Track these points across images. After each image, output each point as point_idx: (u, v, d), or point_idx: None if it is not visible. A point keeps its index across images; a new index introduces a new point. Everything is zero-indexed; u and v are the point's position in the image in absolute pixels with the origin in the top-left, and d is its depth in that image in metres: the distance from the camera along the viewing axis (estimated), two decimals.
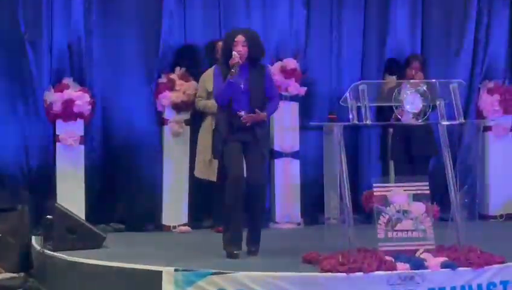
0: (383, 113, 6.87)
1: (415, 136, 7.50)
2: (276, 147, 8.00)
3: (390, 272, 5.25)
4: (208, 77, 7.46)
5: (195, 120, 7.74)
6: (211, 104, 7.36)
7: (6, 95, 7.52)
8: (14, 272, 6.40)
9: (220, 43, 7.47)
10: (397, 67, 8.06)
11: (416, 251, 5.59)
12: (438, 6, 8.63)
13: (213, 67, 7.47)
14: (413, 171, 6.81)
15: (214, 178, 7.34)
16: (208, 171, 7.42)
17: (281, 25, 8.18)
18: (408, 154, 7.61)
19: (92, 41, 7.72)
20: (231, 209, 5.95)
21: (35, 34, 7.53)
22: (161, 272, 5.30)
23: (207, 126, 7.45)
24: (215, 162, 7.27)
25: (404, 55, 8.34)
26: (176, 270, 5.28)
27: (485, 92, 8.63)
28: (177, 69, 7.78)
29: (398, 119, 5.78)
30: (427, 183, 5.80)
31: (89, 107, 7.46)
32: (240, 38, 5.98)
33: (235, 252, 5.91)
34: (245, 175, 6.04)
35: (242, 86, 5.96)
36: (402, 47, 8.51)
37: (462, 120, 5.89)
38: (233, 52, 5.92)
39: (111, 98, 7.80)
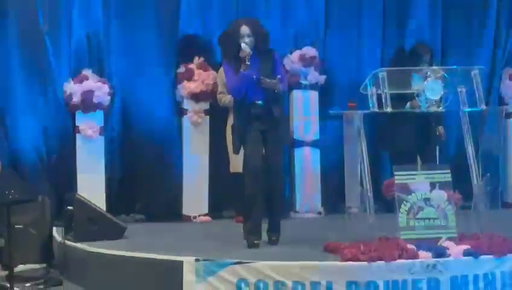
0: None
1: (413, 127, 7.44)
2: (296, 136, 7.97)
3: (412, 260, 5.21)
4: None
5: (215, 111, 7.71)
6: None
7: (26, 86, 7.54)
8: (35, 263, 6.44)
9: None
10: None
11: (438, 239, 5.54)
12: None
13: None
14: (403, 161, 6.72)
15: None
16: (239, 163, 7.36)
17: (300, 13, 8.13)
18: (409, 144, 7.55)
19: (110, 32, 7.73)
20: (251, 199, 5.93)
21: (54, 26, 7.54)
22: (182, 262, 5.29)
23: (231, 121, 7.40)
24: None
25: (425, 37, 8.27)
26: (196, 260, 5.27)
27: (507, 78, 8.56)
28: (196, 59, 7.77)
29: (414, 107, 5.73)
30: (449, 170, 5.75)
31: (108, 98, 7.47)
32: (244, 29, 5.96)
33: (255, 241, 5.90)
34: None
35: (254, 76, 5.93)
36: (422, 35, 8.44)
37: (483, 106, 5.84)
38: (242, 45, 5.89)
39: (130, 89, 7.81)
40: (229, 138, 7.37)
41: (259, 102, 5.93)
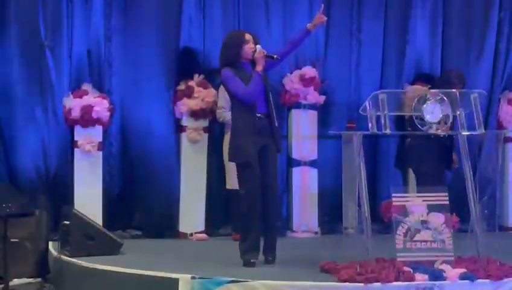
0: (402, 122, 6.83)
1: (433, 148, 7.42)
2: (294, 156, 7.98)
3: (408, 283, 5.21)
4: None
5: (214, 128, 7.73)
6: None
7: (26, 100, 7.54)
8: (30, 278, 6.41)
9: None
10: (430, 79, 7.96)
11: (434, 262, 5.54)
12: (458, 17, 8.58)
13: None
14: (431, 182, 6.72)
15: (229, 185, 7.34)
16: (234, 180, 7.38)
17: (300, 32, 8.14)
18: (426, 165, 7.52)
19: (111, 47, 7.74)
20: (249, 218, 5.92)
21: (55, 41, 7.56)
22: (178, 279, 5.28)
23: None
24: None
25: (424, 65, 8.31)
26: (192, 277, 5.27)
27: (506, 102, 8.58)
28: (196, 76, 7.78)
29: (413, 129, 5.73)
30: (447, 193, 5.76)
31: (108, 113, 7.48)
32: (249, 36, 6.00)
33: (252, 260, 5.89)
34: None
35: (275, 56, 5.96)
36: (422, 57, 8.48)
37: (482, 131, 5.85)
38: (257, 46, 5.91)
39: (130, 105, 7.82)
40: (226, 155, 7.40)
41: (261, 114, 5.93)
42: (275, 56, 5.92)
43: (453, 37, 8.57)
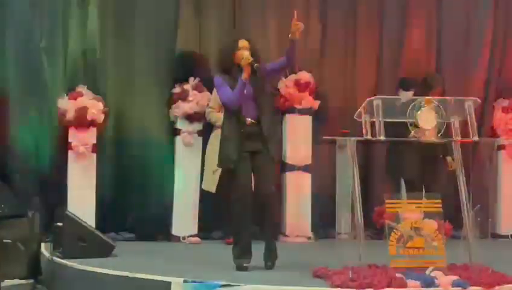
0: (394, 129, 6.84)
1: (428, 154, 7.45)
2: (288, 160, 7.98)
3: (400, 289, 5.20)
4: None
5: (209, 131, 7.73)
6: None
7: (21, 101, 7.55)
8: (22, 279, 6.39)
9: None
10: (411, 84, 7.99)
11: (427, 268, 5.54)
12: (453, 24, 8.61)
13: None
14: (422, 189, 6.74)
15: (213, 189, 7.35)
16: (210, 183, 7.41)
17: None
18: (419, 172, 7.56)
19: (106, 49, 7.74)
20: (240, 222, 5.91)
21: (50, 42, 7.56)
22: (170, 283, 5.27)
23: (214, 139, 7.43)
24: (217, 174, 7.26)
25: (419, 71, 8.32)
26: (185, 281, 5.25)
27: (499, 110, 8.60)
28: (191, 79, 7.79)
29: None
30: (440, 200, 5.76)
31: (102, 115, 7.47)
32: (243, 43, 5.96)
33: (244, 264, 5.88)
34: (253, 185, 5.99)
35: (245, 91, 5.91)
36: (417, 63, 8.50)
37: (476, 138, 5.86)
38: (245, 52, 5.86)
39: (124, 107, 7.82)
40: (209, 154, 7.42)
41: (251, 120, 5.91)
42: (256, 65, 5.85)
43: (448, 45, 8.60)
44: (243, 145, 5.88)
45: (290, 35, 5.80)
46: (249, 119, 5.88)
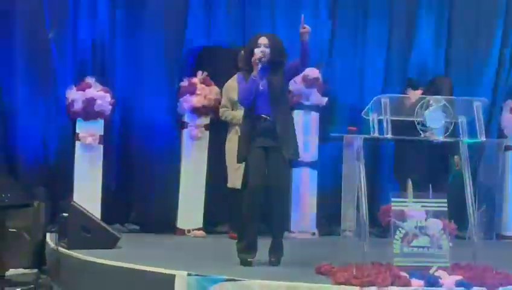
0: (403, 128, 6.83)
1: (435, 154, 7.44)
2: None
3: (404, 288, 5.20)
4: (231, 87, 7.46)
5: (216, 126, 7.73)
6: (239, 116, 7.35)
7: (29, 91, 7.57)
8: (27, 268, 6.42)
9: (243, 52, 7.46)
10: (420, 83, 7.98)
11: (431, 268, 5.54)
12: (463, 24, 8.61)
13: (235, 76, 7.48)
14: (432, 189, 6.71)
15: (238, 185, 7.33)
16: (234, 179, 7.37)
17: None
18: (427, 171, 7.54)
19: (115, 41, 7.76)
20: (247, 217, 5.91)
21: (59, 32, 7.57)
22: (174, 275, 5.28)
23: (233, 136, 7.42)
24: (241, 170, 7.26)
25: (428, 70, 8.31)
26: (188, 274, 5.26)
27: (508, 111, 8.59)
28: (199, 73, 7.79)
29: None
30: (445, 200, 5.75)
31: (110, 107, 7.48)
32: (263, 40, 5.96)
33: (248, 259, 5.88)
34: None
35: (261, 87, 5.91)
36: (426, 62, 8.50)
37: (483, 138, 5.85)
38: (255, 50, 5.90)
39: (132, 99, 7.83)
40: (229, 153, 7.41)
41: (266, 116, 5.91)
42: (260, 62, 5.86)
43: (457, 43, 8.60)
44: (256, 141, 5.89)
45: (300, 38, 5.80)
46: (264, 115, 5.88)
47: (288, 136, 5.94)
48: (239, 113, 7.35)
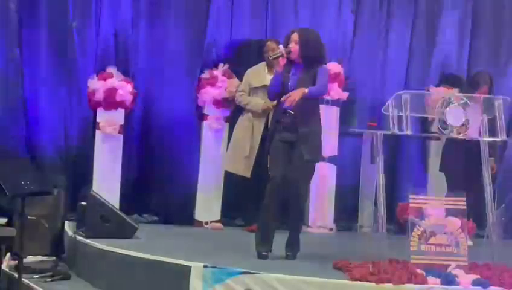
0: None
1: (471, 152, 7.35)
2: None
3: (420, 285, 5.19)
4: (253, 73, 7.47)
5: (236, 118, 7.73)
6: (254, 103, 7.36)
7: (51, 80, 7.60)
8: (45, 256, 6.46)
9: (269, 43, 7.47)
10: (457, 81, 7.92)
11: (448, 266, 5.51)
12: (487, 20, 8.53)
13: (260, 64, 7.47)
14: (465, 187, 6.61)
15: (246, 174, 7.35)
16: (237, 165, 7.39)
17: (327, 28, 8.13)
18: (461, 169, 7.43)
19: (138, 32, 7.77)
20: (264, 210, 5.91)
21: (83, 21, 7.60)
22: (190, 267, 5.29)
23: (244, 122, 7.45)
24: (252, 159, 7.27)
25: (450, 68, 8.26)
26: (205, 266, 5.27)
27: None
28: (221, 65, 7.79)
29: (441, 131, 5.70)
30: (464, 198, 5.72)
31: (131, 97, 7.50)
32: (294, 36, 5.97)
33: (263, 253, 5.88)
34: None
35: (290, 84, 5.92)
36: (448, 59, 8.44)
37: (504, 137, 5.81)
38: (280, 46, 5.93)
39: (153, 90, 7.84)
40: (235, 137, 7.42)
41: (290, 111, 5.89)
42: (273, 57, 5.95)
43: (481, 41, 8.54)
44: (279, 134, 5.90)
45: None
46: (289, 110, 5.87)
47: (309, 136, 5.89)
48: (254, 100, 7.38)
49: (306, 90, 5.77)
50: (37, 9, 7.54)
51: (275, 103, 6.21)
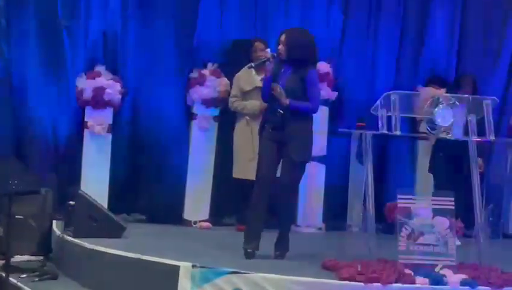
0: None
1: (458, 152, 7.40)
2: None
3: (408, 285, 5.20)
4: (242, 77, 7.46)
5: (224, 117, 7.72)
6: (250, 106, 7.35)
7: (40, 79, 7.56)
8: (32, 255, 6.44)
9: (257, 43, 7.47)
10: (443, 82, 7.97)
11: (436, 266, 5.53)
12: (476, 21, 8.55)
13: (246, 66, 7.48)
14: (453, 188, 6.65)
15: (253, 177, 7.34)
16: (246, 171, 7.34)
17: (317, 28, 8.12)
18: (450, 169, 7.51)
19: (127, 31, 7.74)
20: (252, 208, 5.92)
21: (71, 20, 7.57)
22: (179, 267, 5.28)
23: (241, 127, 7.43)
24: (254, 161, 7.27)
25: (439, 68, 8.29)
26: (193, 266, 5.27)
27: None
28: (209, 64, 7.78)
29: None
30: (452, 198, 5.74)
31: (119, 96, 7.48)
32: (282, 37, 5.98)
33: (248, 250, 5.87)
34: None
35: (280, 82, 5.92)
36: (437, 60, 8.46)
37: (492, 137, 5.83)
38: (267, 49, 5.95)
39: (142, 89, 7.82)
40: (237, 143, 7.41)
41: (280, 111, 5.88)
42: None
43: (469, 41, 8.55)
44: (269, 133, 5.90)
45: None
46: (279, 110, 5.87)
47: (298, 137, 5.89)
48: (250, 103, 7.36)
49: (287, 101, 5.84)
50: (25, 7, 7.49)
51: None
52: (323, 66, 7.93)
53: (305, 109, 5.96)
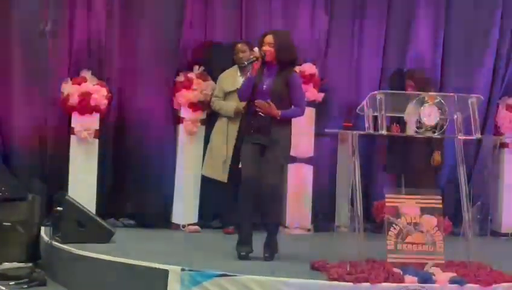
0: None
1: (411, 149, 7.51)
2: (291, 152, 7.95)
3: (397, 284, 5.21)
4: (226, 77, 7.47)
5: (212, 121, 7.72)
6: (226, 107, 7.36)
7: (25, 84, 7.53)
8: (21, 262, 6.41)
9: (239, 45, 7.49)
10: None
11: (425, 264, 5.54)
12: (460, 21, 8.58)
13: (232, 68, 7.49)
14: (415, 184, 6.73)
15: (224, 179, 7.33)
16: (217, 171, 7.38)
17: (301, 30, 8.15)
18: (405, 166, 7.62)
19: (112, 35, 7.72)
20: (240, 211, 5.93)
21: (56, 25, 7.54)
22: (167, 270, 5.28)
23: (220, 127, 7.44)
24: (228, 163, 7.28)
25: (424, 67, 8.32)
26: (182, 269, 5.27)
27: (504, 108, 8.59)
28: (196, 68, 7.78)
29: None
30: (440, 197, 5.76)
31: (106, 101, 7.45)
32: (268, 38, 5.99)
33: (242, 253, 5.89)
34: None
35: (265, 86, 5.94)
36: (422, 58, 8.48)
37: (478, 135, 5.85)
38: (255, 48, 5.94)
39: (128, 94, 7.79)
40: (212, 142, 7.43)
41: (262, 114, 5.91)
42: (253, 61, 6.00)
43: (454, 40, 8.58)
44: (250, 136, 5.91)
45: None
46: (261, 113, 5.88)
47: (282, 141, 5.98)
48: (226, 104, 7.38)
49: (279, 113, 5.89)
50: (9, 12, 7.46)
51: (245, 104, 6.23)
52: (309, 68, 7.95)
53: (295, 116, 6.08)
